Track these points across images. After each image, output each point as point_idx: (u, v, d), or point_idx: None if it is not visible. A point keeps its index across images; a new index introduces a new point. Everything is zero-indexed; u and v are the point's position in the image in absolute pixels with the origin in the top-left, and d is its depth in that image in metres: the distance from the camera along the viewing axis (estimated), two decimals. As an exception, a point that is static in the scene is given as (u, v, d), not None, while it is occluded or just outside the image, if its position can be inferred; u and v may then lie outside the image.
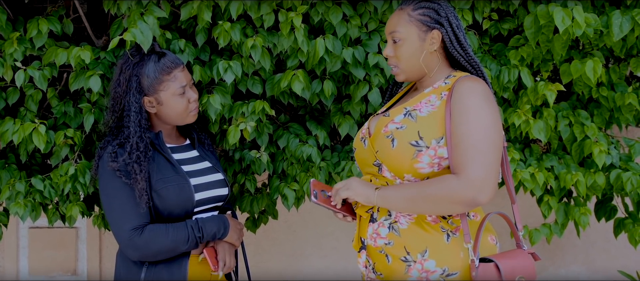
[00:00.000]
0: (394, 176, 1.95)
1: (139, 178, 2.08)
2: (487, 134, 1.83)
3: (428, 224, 1.93)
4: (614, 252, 3.83)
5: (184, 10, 2.33)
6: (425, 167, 1.89)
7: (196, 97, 2.25)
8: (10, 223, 2.69)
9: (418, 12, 1.97)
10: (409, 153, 1.89)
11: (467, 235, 1.89)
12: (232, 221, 2.24)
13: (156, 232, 2.08)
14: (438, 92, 1.95)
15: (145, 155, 2.13)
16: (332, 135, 2.73)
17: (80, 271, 3.77)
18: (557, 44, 2.35)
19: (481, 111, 1.85)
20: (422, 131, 1.89)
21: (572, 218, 2.62)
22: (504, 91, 2.49)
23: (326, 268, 3.82)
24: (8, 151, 2.55)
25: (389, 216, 1.96)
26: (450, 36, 1.97)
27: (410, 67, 2.00)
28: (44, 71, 2.34)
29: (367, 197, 1.94)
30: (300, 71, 2.39)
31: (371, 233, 1.99)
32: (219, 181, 2.29)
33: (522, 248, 2.01)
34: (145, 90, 2.18)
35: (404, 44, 1.98)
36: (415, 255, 1.91)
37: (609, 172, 2.56)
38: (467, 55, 1.99)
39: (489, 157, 1.81)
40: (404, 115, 1.94)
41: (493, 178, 1.81)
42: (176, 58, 2.22)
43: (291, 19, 2.32)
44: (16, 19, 2.42)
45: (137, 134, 2.15)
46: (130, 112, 2.16)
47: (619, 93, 2.55)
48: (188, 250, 2.13)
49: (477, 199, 1.79)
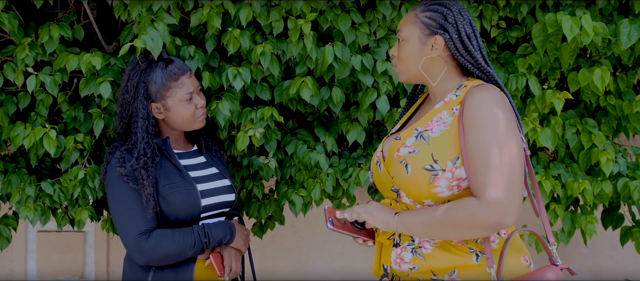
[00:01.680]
0: (413, 201, 1.83)
1: (146, 184, 2.10)
2: (504, 149, 1.68)
3: (454, 246, 1.80)
4: (621, 260, 3.82)
5: (194, 17, 2.34)
6: (444, 191, 1.76)
7: (203, 103, 2.26)
8: (19, 227, 2.70)
9: (425, 14, 1.86)
10: (425, 178, 1.76)
11: (490, 259, 1.74)
12: (238, 227, 2.26)
13: (163, 237, 2.10)
14: (449, 107, 1.82)
15: (153, 161, 2.14)
16: (340, 142, 2.73)
17: (87, 274, 3.79)
18: (565, 52, 2.36)
19: (495, 125, 1.70)
20: (436, 153, 1.76)
21: (579, 226, 2.62)
22: (512, 99, 2.49)
23: (332, 273, 3.83)
24: (18, 155, 2.57)
25: (413, 242, 1.84)
26: (456, 43, 1.83)
27: (407, 69, 1.90)
28: (55, 76, 2.36)
29: (386, 223, 1.83)
30: (309, 77, 2.40)
31: (394, 258, 1.86)
32: (226, 187, 2.30)
33: (555, 263, 1.83)
34: (152, 96, 2.20)
35: (405, 44, 1.88)
36: (443, 275, 1.80)
37: (616, 180, 2.56)
38: (476, 62, 1.84)
39: (508, 175, 1.67)
40: (416, 137, 1.81)
41: (516, 198, 1.67)
42: (183, 65, 2.23)
43: (300, 26, 2.33)
44: (28, 24, 2.44)
45: (145, 140, 2.16)
46: (138, 118, 2.18)
47: (627, 102, 2.54)
48: (194, 255, 2.14)
49: (501, 222, 1.67)
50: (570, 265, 1.86)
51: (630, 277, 3.76)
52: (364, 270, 3.81)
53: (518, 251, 1.83)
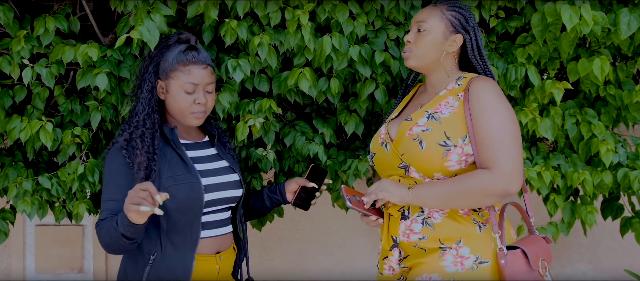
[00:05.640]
0: (422, 176, 2.08)
1: (138, 154, 2.07)
2: (509, 128, 1.99)
3: (461, 217, 2.06)
4: (621, 251, 3.82)
5: (190, 8, 2.33)
6: (454, 164, 2.04)
7: (205, 102, 2.17)
8: (16, 221, 2.69)
9: (451, 13, 2.13)
10: (438, 152, 2.02)
11: (496, 225, 2.03)
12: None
13: (102, 229, 2.04)
14: (454, 94, 2.09)
15: (152, 136, 2.11)
16: (338, 133, 2.72)
17: (86, 268, 3.78)
18: (564, 42, 2.35)
19: (499, 108, 2.01)
20: (448, 131, 2.03)
21: (579, 216, 2.62)
22: (511, 89, 2.48)
23: (332, 266, 3.82)
24: (15, 148, 2.56)
25: (422, 213, 2.08)
26: (473, 44, 2.14)
27: (424, 57, 2.13)
28: (51, 68, 2.34)
29: (402, 197, 2.06)
30: (307, 68, 2.39)
31: (404, 230, 2.10)
32: (234, 182, 2.26)
33: (535, 234, 2.18)
34: (160, 73, 2.18)
35: (428, 35, 2.12)
36: (450, 243, 2.04)
37: (616, 170, 2.55)
38: (485, 64, 2.15)
39: (514, 149, 1.98)
40: (427, 118, 2.07)
41: (520, 169, 1.98)
42: (203, 57, 2.19)
43: (298, 17, 2.32)
44: (23, 17, 2.42)
45: (146, 111, 2.14)
46: (143, 90, 2.17)
47: (627, 91, 2.54)
48: (124, 243, 1.98)
49: (509, 189, 1.96)
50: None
51: (629, 268, 3.75)
52: (363, 263, 3.81)
53: (509, 224, 2.14)
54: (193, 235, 2.14)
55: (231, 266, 2.29)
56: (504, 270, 1.98)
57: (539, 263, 2.04)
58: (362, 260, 3.81)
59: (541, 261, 2.05)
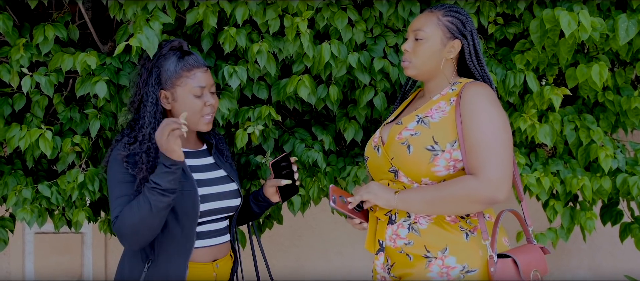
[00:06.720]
0: (410, 180, 2.04)
1: (143, 169, 2.06)
2: (499, 135, 1.94)
3: (447, 224, 2.01)
4: (620, 256, 3.82)
5: (189, 15, 2.33)
6: (442, 170, 2.00)
7: (213, 103, 2.17)
8: (16, 228, 2.68)
9: (447, 19, 2.07)
10: (425, 157, 1.99)
11: (485, 232, 1.97)
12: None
13: (125, 211, 2.02)
14: (447, 98, 2.05)
15: (157, 149, 2.10)
16: (338, 140, 2.73)
17: (85, 276, 3.78)
18: (562, 48, 2.35)
19: (491, 114, 1.96)
20: (436, 136, 1.99)
21: (578, 222, 2.62)
22: (510, 95, 2.48)
23: (331, 273, 3.82)
24: (14, 157, 2.56)
25: (409, 218, 2.04)
26: (471, 49, 2.09)
27: (424, 65, 2.09)
28: (50, 76, 2.34)
29: (387, 201, 2.02)
30: (306, 76, 2.39)
31: (390, 234, 2.07)
32: (232, 192, 2.25)
33: (533, 243, 2.12)
34: (163, 83, 2.16)
35: (425, 43, 2.07)
36: (435, 252, 1.99)
37: (615, 176, 2.55)
38: (482, 70, 2.10)
39: (503, 157, 1.92)
40: (417, 122, 2.03)
41: (508, 177, 1.92)
42: (201, 59, 2.19)
43: (297, 24, 2.32)
44: (22, 25, 2.42)
45: (151, 125, 2.13)
46: (147, 103, 2.15)
47: (625, 97, 2.54)
48: (163, 205, 1.99)
49: (495, 197, 1.90)
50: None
51: (629, 273, 3.75)
52: (362, 270, 3.80)
53: (502, 232, 2.09)
54: (187, 243, 2.13)
55: (228, 273, 2.29)
56: (493, 279, 1.93)
57: (530, 273, 1.97)
58: (360, 266, 3.81)
59: (533, 271, 1.98)
